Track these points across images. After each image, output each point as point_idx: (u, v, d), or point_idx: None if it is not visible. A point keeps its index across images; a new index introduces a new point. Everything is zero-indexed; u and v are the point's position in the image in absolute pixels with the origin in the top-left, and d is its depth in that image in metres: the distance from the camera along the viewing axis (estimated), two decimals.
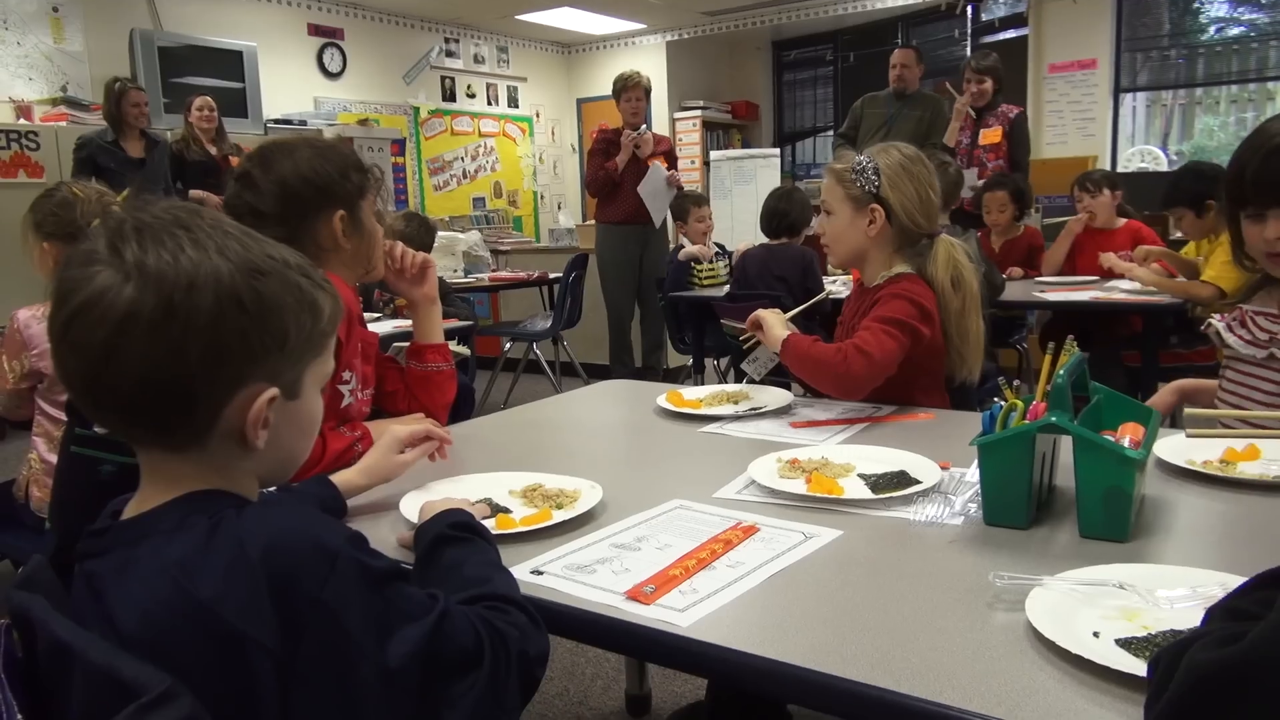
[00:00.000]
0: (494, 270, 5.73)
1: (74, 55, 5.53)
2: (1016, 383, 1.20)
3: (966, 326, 1.73)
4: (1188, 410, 1.36)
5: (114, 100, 4.75)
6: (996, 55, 4.98)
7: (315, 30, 6.83)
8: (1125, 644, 0.80)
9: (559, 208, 8.87)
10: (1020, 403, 1.15)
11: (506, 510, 1.17)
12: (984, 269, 2.12)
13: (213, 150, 5.08)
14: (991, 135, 4.80)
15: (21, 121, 5.20)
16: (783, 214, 3.82)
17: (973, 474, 1.23)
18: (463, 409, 2.99)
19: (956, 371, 1.74)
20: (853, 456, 1.34)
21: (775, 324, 1.73)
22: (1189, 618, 0.83)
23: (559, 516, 1.13)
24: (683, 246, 4.56)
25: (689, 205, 4.60)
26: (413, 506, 1.15)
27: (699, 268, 4.38)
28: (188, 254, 0.73)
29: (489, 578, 0.90)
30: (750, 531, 1.09)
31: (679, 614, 0.89)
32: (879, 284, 1.76)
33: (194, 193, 4.73)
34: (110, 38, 5.61)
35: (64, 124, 5.20)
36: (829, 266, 3.42)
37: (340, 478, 1.20)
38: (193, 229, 0.75)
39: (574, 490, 1.22)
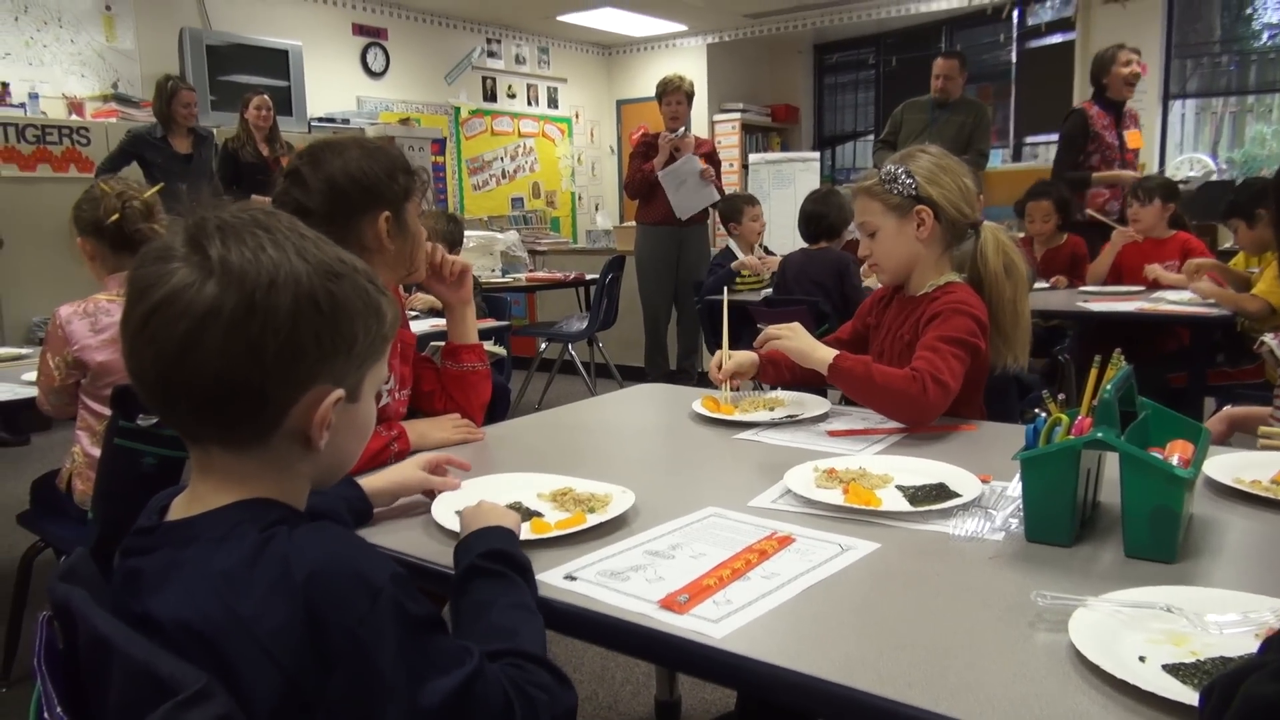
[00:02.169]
0: (531, 270, 5.75)
1: (125, 53, 5.65)
2: (1061, 396, 1.17)
3: (1019, 313, 1.70)
4: (1263, 429, 1.33)
5: (165, 99, 4.84)
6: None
7: (359, 30, 6.91)
8: (1173, 670, 0.77)
9: (597, 209, 8.89)
10: (1065, 416, 1.12)
11: (538, 514, 1.16)
12: None
13: (265, 151, 5.15)
14: (1134, 138, 4.64)
15: (73, 117, 5.32)
16: (820, 217, 3.79)
17: (1014, 488, 1.21)
18: (498, 409, 3.00)
19: (1002, 359, 1.71)
20: (891, 467, 1.32)
21: (805, 337, 1.68)
22: (1240, 644, 0.80)
23: (592, 520, 1.13)
24: (729, 250, 4.53)
25: (741, 205, 4.54)
26: (446, 509, 1.15)
27: (746, 274, 4.33)
28: (269, 254, 0.74)
29: (516, 630, 0.87)
30: (785, 542, 1.08)
31: (713, 625, 0.88)
32: (927, 293, 1.73)
33: (255, 198, 4.77)
34: (160, 36, 5.72)
35: (114, 120, 5.31)
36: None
37: (368, 483, 1.19)
38: (272, 230, 0.76)
39: (605, 495, 1.21)
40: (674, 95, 5.01)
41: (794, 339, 1.67)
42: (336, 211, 1.44)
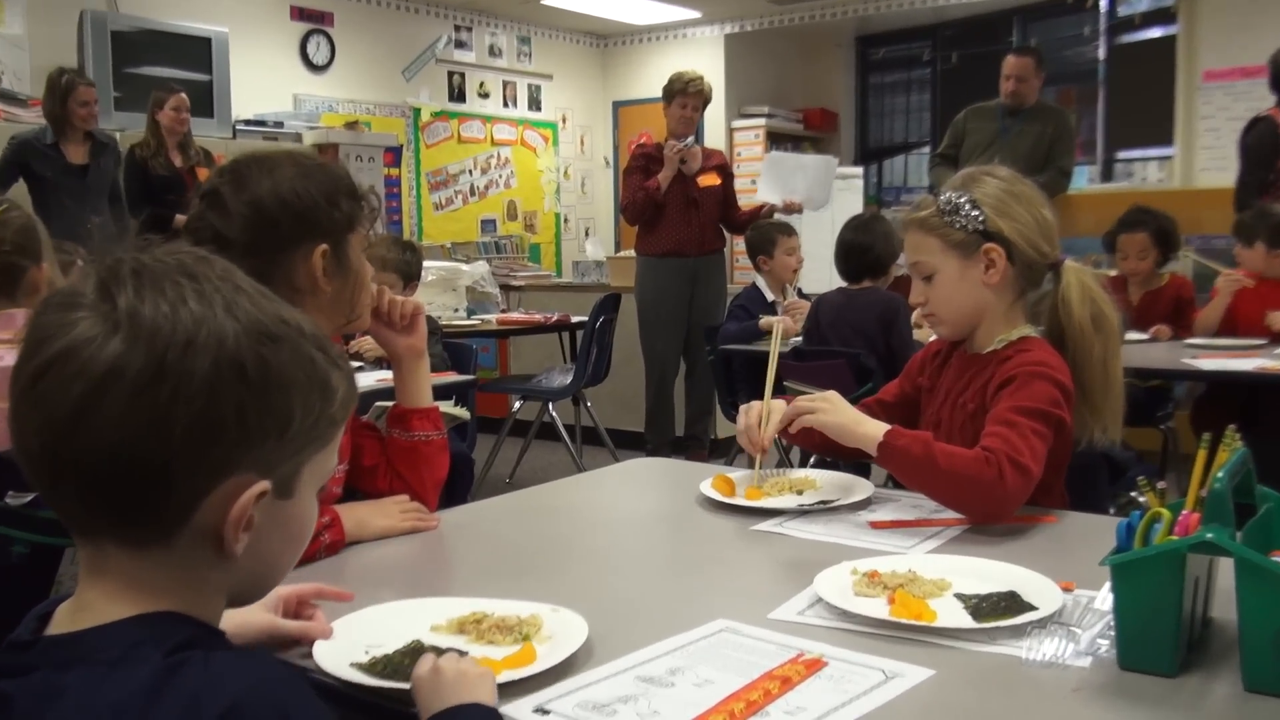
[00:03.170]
0: (503, 310, 5.78)
1: (13, 40, 5.73)
2: (1161, 484, 1.17)
3: (1110, 374, 1.70)
4: None
5: (58, 97, 4.90)
6: None
7: (299, 14, 7.03)
8: None
9: (586, 235, 8.96)
10: (1166, 511, 1.12)
11: (461, 652, 1.06)
12: None
13: (178, 161, 5.21)
14: None
15: None
16: (863, 249, 3.81)
17: (1104, 600, 1.20)
18: (458, 486, 2.99)
19: (1088, 431, 1.70)
20: (949, 570, 1.32)
21: (846, 409, 1.67)
22: None
23: (543, 650, 1.09)
24: (755, 289, 4.55)
25: (775, 235, 4.58)
26: (331, 655, 1.08)
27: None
28: (190, 307, 0.75)
29: None
30: (815, 666, 1.07)
31: None
32: (996, 350, 1.73)
33: (178, 218, 4.80)
34: (56, 20, 5.81)
35: None
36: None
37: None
38: (199, 279, 0.77)
39: (532, 617, 1.16)
40: (691, 97, 5.08)
41: (832, 412, 1.66)
42: (261, 242, 1.45)
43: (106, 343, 0.73)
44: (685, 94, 5.07)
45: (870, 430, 1.62)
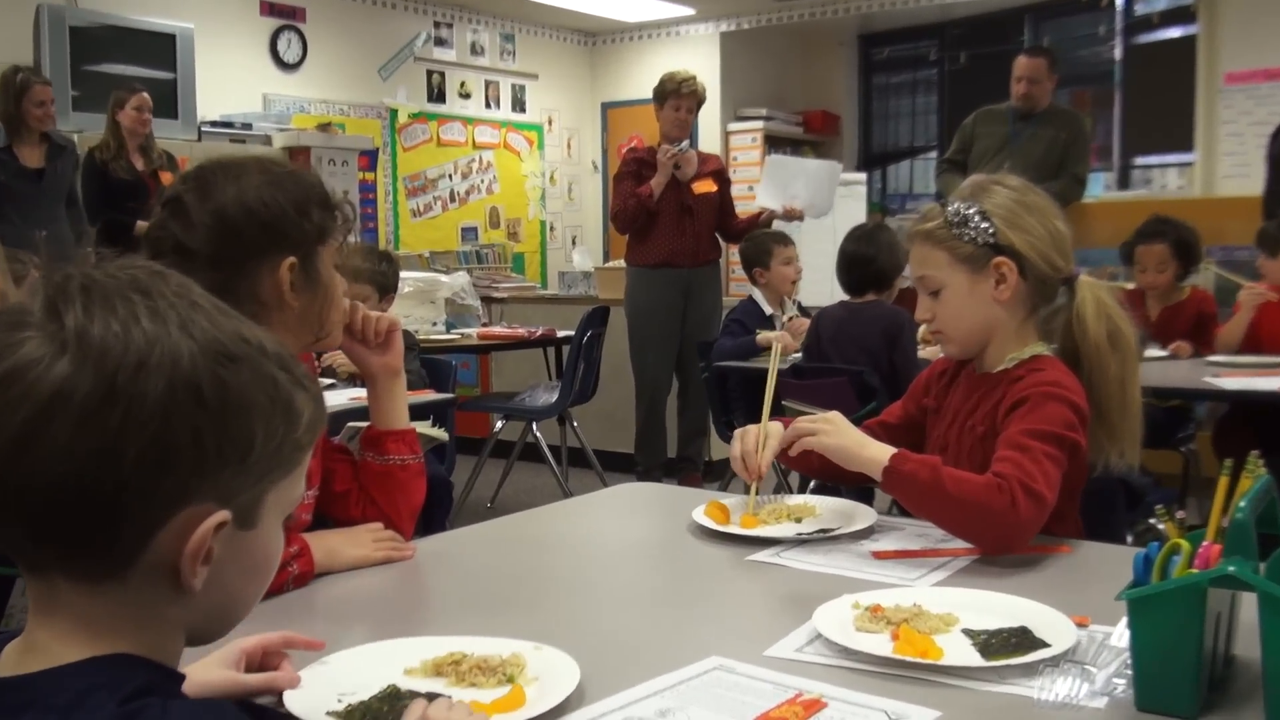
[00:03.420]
0: (485, 324, 5.78)
1: None
2: (1180, 514, 1.17)
3: (1127, 395, 1.70)
4: None
5: (13, 96, 4.90)
6: None
7: (269, 10, 7.04)
8: None
9: (573, 244, 8.98)
10: (1185, 542, 1.12)
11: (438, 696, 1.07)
12: None
13: (140, 164, 5.20)
14: None
15: None
16: (865, 260, 3.82)
17: (1121, 637, 1.20)
18: (436, 512, 2.99)
19: (1104, 455, 1.71)
20: (956, 604, 1.31)
21: (849, 431, 1.67)
22: None
23: (533, 695, 1.09)
24: (752, 302, 4.56)
25: (770, 245, 4.58)
26: (303, 704, 1.07)
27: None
28: (143, 326, 0.75)
29: None
30: (814, 707, 1.07)
31: None
32: (1007, 369, 1.74)
33: (140, 225, 4.78)
34: (11, 15, 5.80)
35: None
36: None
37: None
38: (153, 295, 0.77)
39: (514, 656, 1.16)
40: (685, 99, 5.10)
41: (834, 434, 1.66)
42: (225, 254, 1.45)
43: (54, 364, 0.73)
44: (678, 95, 5.08)
45: (875, 454, 1.62)
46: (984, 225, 1.71)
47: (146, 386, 0.73)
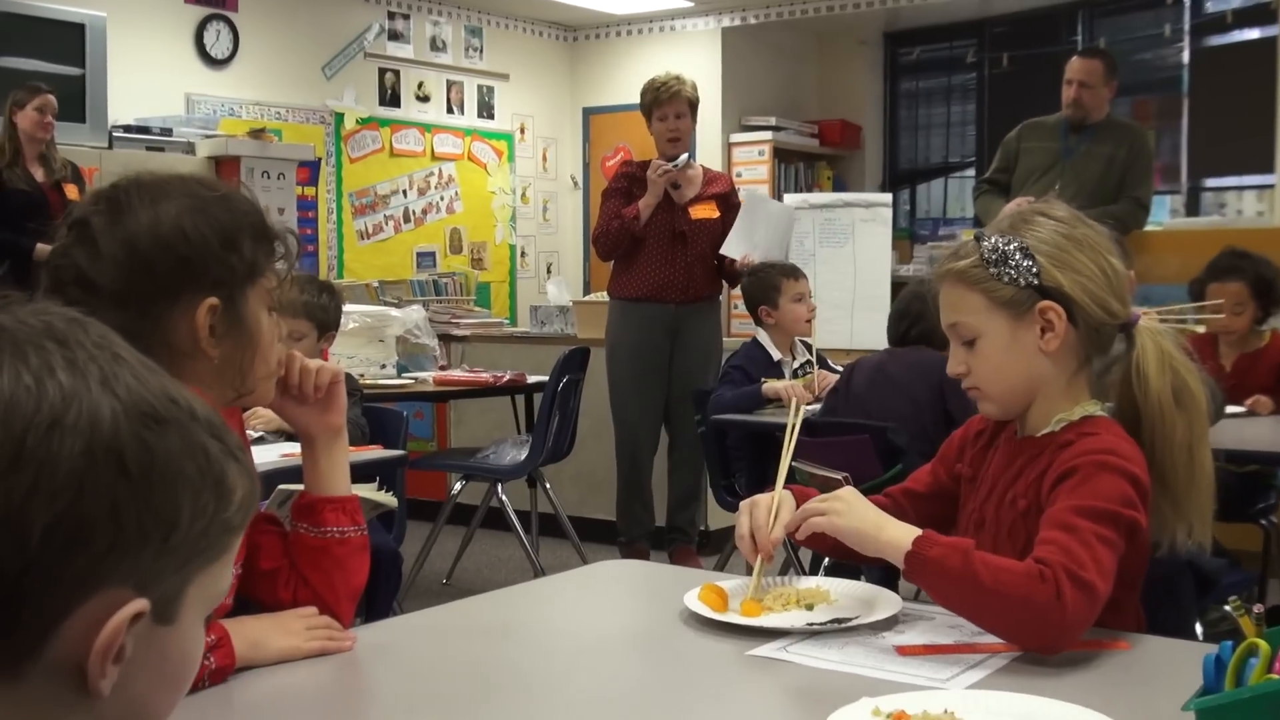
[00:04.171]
0: (443, 367, 5.77)
1: None
2: (1258, 608, 1.17)
3: (1196, 461, 1.70)
4: None
5: None
6: None
7: None
8: None
9: (548, 273, 9.00)
10: (1264, 642, 1.12)
11: None
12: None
13: (40, 175, 5.21)
14: None
15: None
16: (915, 317, 3.81)
17: None
18: (381, 592, 2.98)
19: (1169, 532, 1.71)
20: (994, 710, 1.31)
21: (863, 510, 1.67)
22: None
23: None
24: (757, 345, 4.55)
25: (777, 279, 4.57)
26: None
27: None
28: (59, 379, 0.75)
29: None
30: None
31: None
32: (1054, 432, 1.74)
33: (40, 248, 4.76)
34: None
35: None
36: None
37: None
38: (70, 345, 0.77)
39: None
40: (670, 105, 5.13)
41: (847, 514, 1.66)
42: (134, 291, 1.45)
43: None
44: (663, 101, 5.11)
45: (895, 536, 1.62)
46: (1026, 263, 1.72)
47: (61, 449, 0.73)
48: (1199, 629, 2.17)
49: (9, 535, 0.73)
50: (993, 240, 1.74)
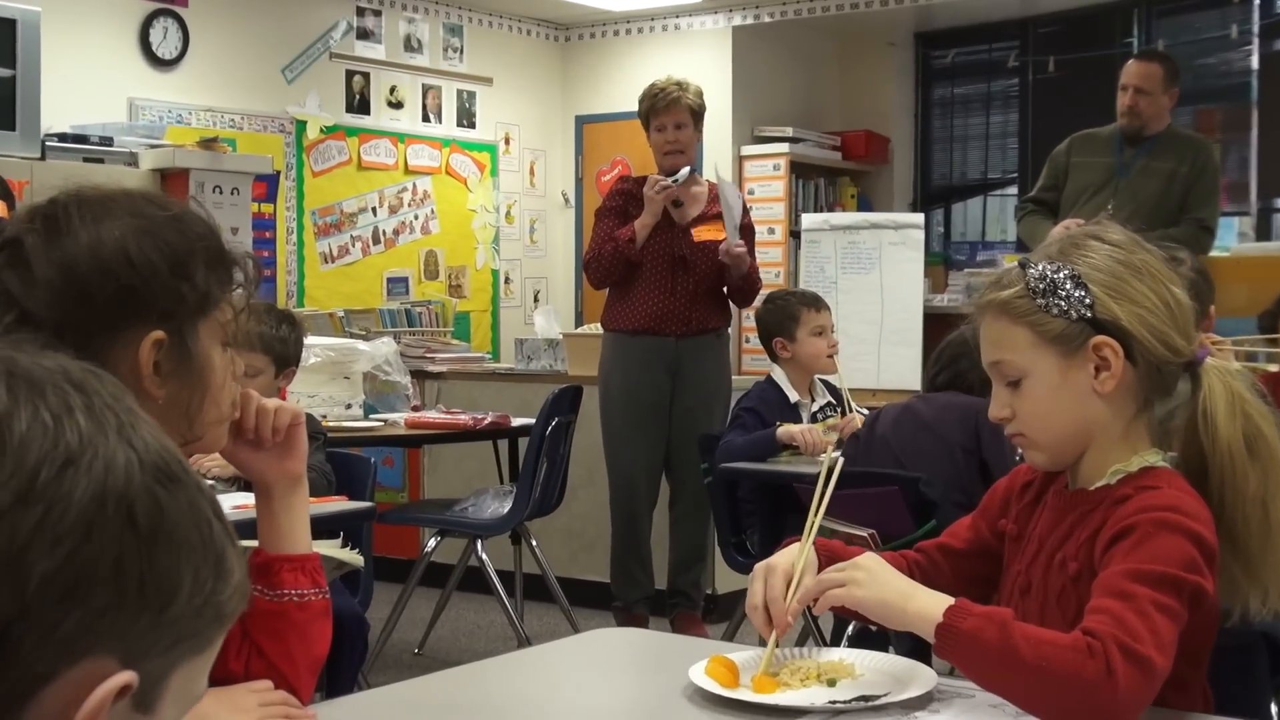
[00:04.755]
0: (416, 407, 5.78)
1: None
2: None
3: (1271, 520, 1.70)
4: None
5: None
6: None
7: None
8: None
9: (536, 301, 9.00)
10: None
11: None
12: None
13: None
14: None
15: None
16: (948, 361, 3.79)
17: None
18: (345, 661, 2.97)
19: (1241, 600, 1.70)
20: None
21: (887, 578, 1.67)
22: None
23: None
24: (771, 383, 4.55)
25: (796, 309, 4.57)
26: None
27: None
28: (77, 420, 0.78)
29: None
30: None
31: None
32: (1109, 485, 1.74)
33: None
34: None
35: None
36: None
37: None
38: (88, 391, 0.80)
39: None
40: (668, 114, 5.15)
41: (868, 584, 1.67)
42: (70, 320, 1.44)
43: None
44: (659, 112, 5.14)
45: (925, 607, 1.62)
46: (1078, 294, 1.73)
47: (73, 490, 0.75)
48: (1274, 709, 2.17)
49: (6, 576, 0.74)
50: (1040, 267, 1.74)
